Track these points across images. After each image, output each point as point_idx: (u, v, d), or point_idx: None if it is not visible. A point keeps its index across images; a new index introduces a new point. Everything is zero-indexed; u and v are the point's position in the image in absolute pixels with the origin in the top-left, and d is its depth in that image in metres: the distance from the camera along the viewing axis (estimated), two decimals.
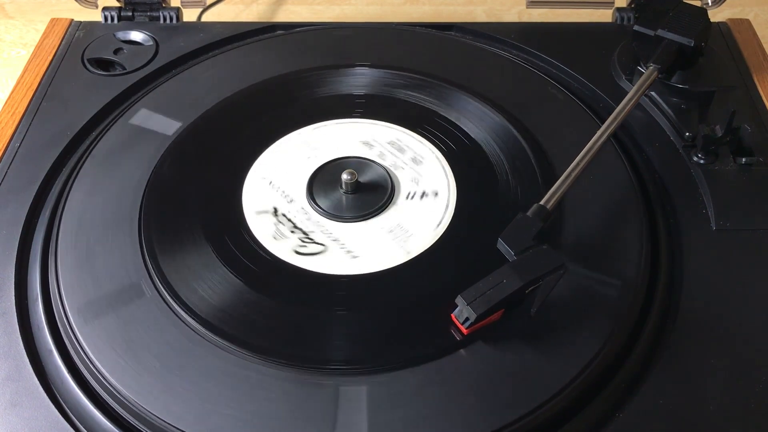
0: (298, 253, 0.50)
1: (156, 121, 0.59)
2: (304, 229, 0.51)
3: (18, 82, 0.63)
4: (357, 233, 0.51)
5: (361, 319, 0.46)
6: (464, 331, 0.44)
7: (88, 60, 0.65)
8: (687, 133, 0.57)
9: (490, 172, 0.55)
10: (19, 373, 0.45)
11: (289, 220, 0.52)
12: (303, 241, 0.51)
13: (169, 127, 0.58)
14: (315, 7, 0.88)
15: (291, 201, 0.53)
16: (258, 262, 0.49)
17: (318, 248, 0.50)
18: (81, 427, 0.44)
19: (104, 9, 0.70)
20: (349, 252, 0.50)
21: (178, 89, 0.62)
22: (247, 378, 0.43)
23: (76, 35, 0.68)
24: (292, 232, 0.51)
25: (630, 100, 0.54)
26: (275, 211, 0.53)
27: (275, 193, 0.54)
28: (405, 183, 0.54)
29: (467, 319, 0.43)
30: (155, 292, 0.48)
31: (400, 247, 0.50)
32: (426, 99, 0.60)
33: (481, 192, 0.54)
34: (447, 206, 0.53)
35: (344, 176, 0.53)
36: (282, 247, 0.50)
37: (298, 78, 0.62)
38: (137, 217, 0.52)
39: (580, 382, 0.43)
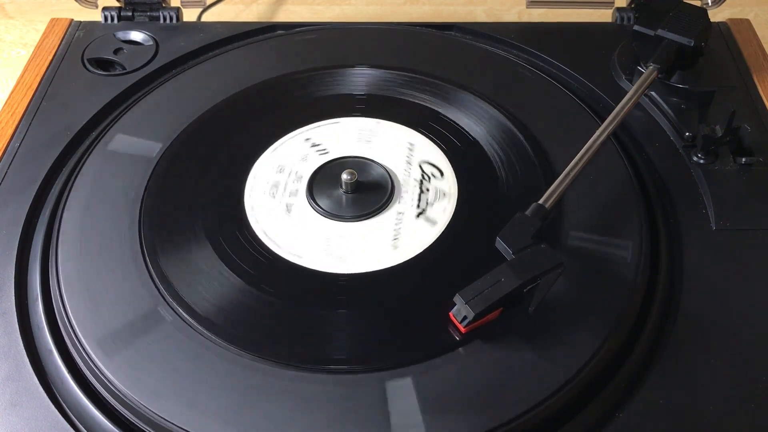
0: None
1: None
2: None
3: (18, 82, 0.63)
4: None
5: (360, 319, 0.46)
6: (462, 329, 0.44)
7: (88, 60, 0.65)
8: (687, 133, 0.57)
9: (490, 171, 0.55)
10: (19, 373, 0.45)
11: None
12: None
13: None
14: (315, 7, 0.88)
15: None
16: (257, 261, 0.49)
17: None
18: (81, 427, 0.44)
19: (104, 9, 0.70)
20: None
21: (179, 89, 0.62)
22: (246, 376, 0.43)
23: (76, 35, 0.68)
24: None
25: (630, 99, 0.54)
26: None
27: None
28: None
29: (465, 317, 0.43)
30: (155, 291, 0.48)
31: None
32: (426, 99, 0.60)
33: (480, 191, 0.54)
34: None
35: (344, 176, 0.53)
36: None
37: (297, 78, 0.62)
38: (138, 216, 0.52)
39: (579, 382, 0.43)
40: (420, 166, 0.55)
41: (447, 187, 0.54)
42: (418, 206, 0.53)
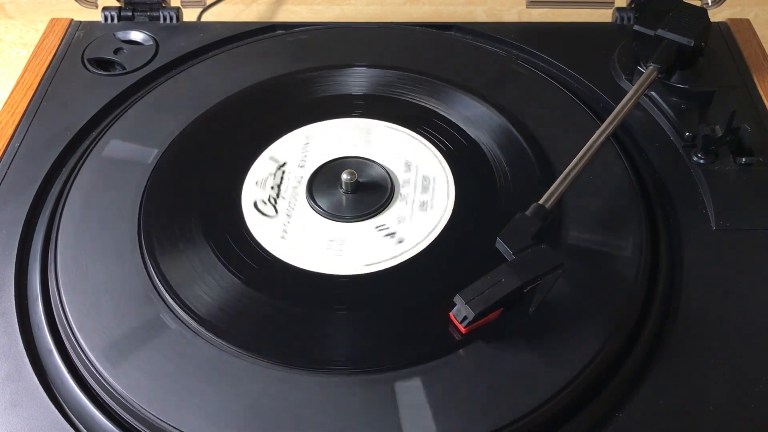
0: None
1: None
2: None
3: (18, 82, 0.63)
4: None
5: (360, 319, 0.46)
6: (462, 330, 0.44)
7: (88, 60, 0.65)
8: (687, 133, 0.57)
9: (490, 171, 0.55)
10: (19, 373, 0.45)
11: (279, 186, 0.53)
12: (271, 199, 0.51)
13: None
14: (315, 7, 0.88)
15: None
16: (257, 260, 0.49)
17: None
18: (81, 427, 0.44)
19: (104, 9, 0.70)
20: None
21: (179, 88, 0.62)
22: (246, 378, 0.43)
23: (76, 35, 0.68)
24: (272, 188, 0.53)
25: (630, 99, 0.54)
26: (275, 203, 0.53)
27: (276, 189, 0.54)
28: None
29: (465, 318, 0.43)
30: (154, 291, 0.48)
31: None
32: (426, 99, 0.60)
33: (480, 191, 0.54)
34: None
35: (344, 176, 0.53)
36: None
37: (297, 78, 0.62)
38: (137, 216, 0.52)
39: (579, 382, 0.43)
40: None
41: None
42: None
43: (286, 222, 0.52)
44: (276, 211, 0.53)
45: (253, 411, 0.42)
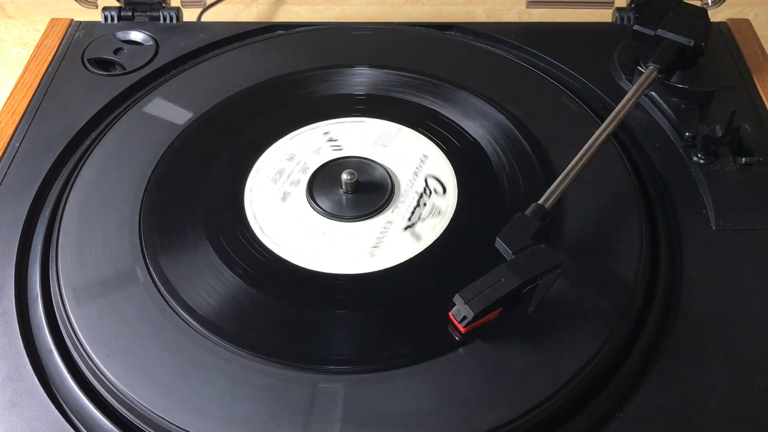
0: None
1: (166, 111, 0.59)
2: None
3: (18, 82, 0.63)
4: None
5: (360, 318, 0.46)
6: (462, 329, 0.44)
7: (88, 60, 0.65)
8: (687, 133, 0.57)
9: (490, 171, 0.55)
10: (19, 373, 0.45)
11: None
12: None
13: (178, 117, 0.58)
14: (315, 7, 0.88)
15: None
16: (257, 260, 0.49)
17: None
18: (81, 427, 0.44)
19: (104, 9, 0.70)
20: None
21: (179, 88, 0.62)
22: (248, 378, 0.43)
23: (76, 35, 0.68)
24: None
25: (629, 99, 0.54)
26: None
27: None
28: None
29: (465, 317, 0.43)
30: (156, 292, 0.48)
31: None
32: (426, 99, 0.60)
33: (481, 191, 0.54)
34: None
35: (344, 176, 0.53)
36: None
37: (297, 78, 0.62)
38: (137, 217, 0.52)
39: (579, 382, 0.43)
40: (425, 180, 0.55)
41: (447, 186, 0.54)
42: (418, 206, 0.53)
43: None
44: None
45: (255, 410, 0.42)
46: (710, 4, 0.70)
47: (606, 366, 0.44)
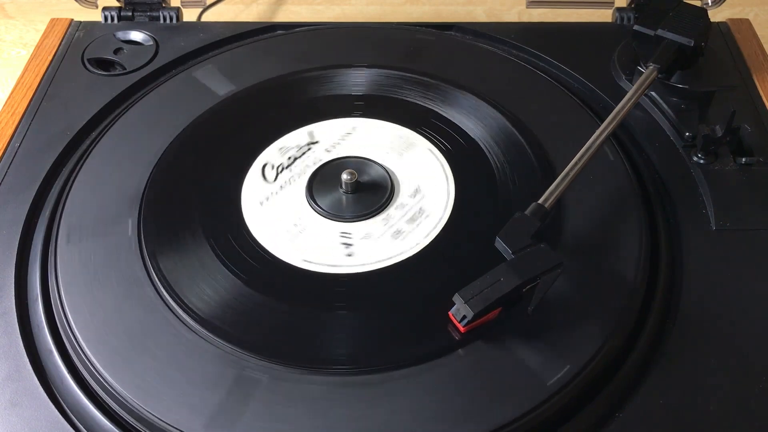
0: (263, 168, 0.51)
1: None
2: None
3: (18, 82, 0.63)
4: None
5: (360, 318, 0.46)
6: (461, 329, 0.44)
7: (88, 60, 0.65)
8: (687, 133, 0.57)
9: (490, 171, 0.55)
10: (19, 373, 0.45)
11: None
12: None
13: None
14: (315, 7, 0.88)
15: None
16: (256, 260, 0.49)
17: (271, 177, 0.51)
18: (81, 427, 0.44)
19: (104, 9, 0.70)
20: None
21: (178, 89, 0.62)
22: (246, 377, 0.43)
23: (76, 35, 0.68)
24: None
25: (629, 99, 0.54)
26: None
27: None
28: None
29: (464, 317, 0.43)
30: (155, 292, 0.48)
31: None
32: (426, 99, 0.60)
33: (480, 191, 0.54)
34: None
35: (344, 176, 0.53)
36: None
37: (297, 78, 0.62)
38: (137, 216, 0.52)
39: (579, 382, 0.43)
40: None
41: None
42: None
43: (275, 191, 0.52)
44: (275, 179, 0.52)
45: (254, 411, 0.42)
46: (710, 4, 0.70)
47: (606, 366, 0.44)
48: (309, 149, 0.55)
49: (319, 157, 0.56)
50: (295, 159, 0.55)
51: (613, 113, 0.53)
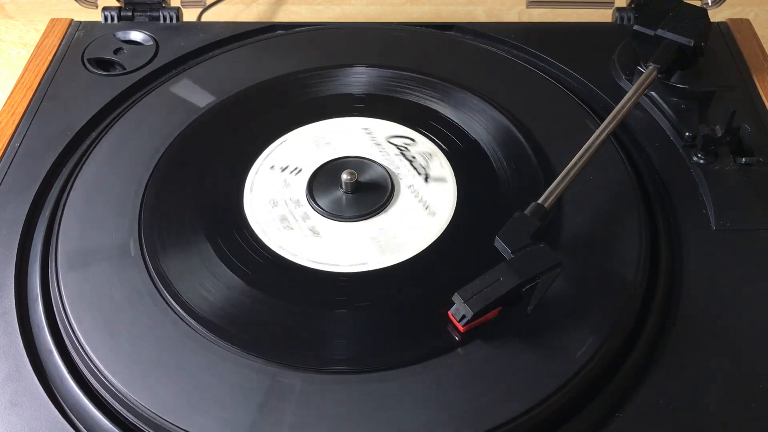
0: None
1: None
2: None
3: (18, 82, 0.63)
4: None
5: (359, 318, 0.46)
6: (461, 328, 0.44)
7: (88, 60, 0.65)
8: (687, 133, 0.57)
9: (489, 171, 0.55)
10: (19, 373, 0.45)
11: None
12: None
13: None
14: (315, 7, 0.88)
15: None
16: (256, 260, 0.49)
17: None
18: (81, 427, 0.44)
19: (104, 9, 0.70)
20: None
21: (178, 89, 0.62)
22: (246, 376, 0.43)
23: (76, 35, 0.68)
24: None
25: (629, 99, 0.54)
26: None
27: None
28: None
29: (464, 316, 0.43)
30: (155, 292, 0.48)
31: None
32: (426, 99, 0.60)
33: (480, 191, 0.54)
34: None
35: (344, 176, 0.53)
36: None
37: (297, 78, 0.62)
38: (137, 216, 0.52)
39: (579, 382, 0.43)
40: (389, 142, 0.55)
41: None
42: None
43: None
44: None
45: (254, 410, 0.42)
46: (710, 4, 0.70)
47: (606, 366, 0.44)
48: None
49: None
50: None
51: (613, 113, 0.53)
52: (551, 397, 0.42)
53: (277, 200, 0.53)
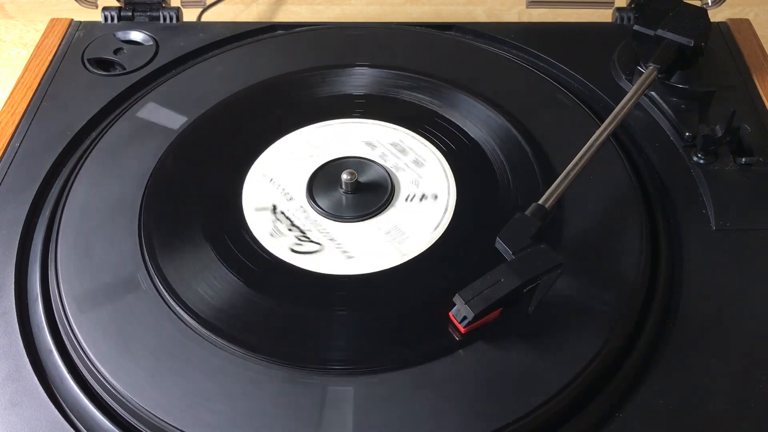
0: (294, 251, 0.50)
1: (160, 116, 0.59)
2: (302, 227, 0.51)
3: (18, 82, 0.63)
4: (356, 233, 0.51)
5: (360, 319, 0.46)
6: (462, 329, 0.44)
7: (88, 60, 0.65)
8: (687, 133, 0.57)
9: (490, 172, 0.55)
10: (19, 373, 0.45)
11: (287, 218, 0.52)
12: (300, 240, 0.51)
13: (173, 122, 0.58)
14: (315, 7, 0.88)
15: (290, 199, 0.53)
16: (256, 260, 0.49)
17: (314, 247, 0.50)
18: (81, 427, 0.44)
19: (104, 9, 0.70)
20: (347, 252, 0.50)
21: (179, 87, 0.62)
22: (246, 377, 0.43)
23: (76, 35, 0.68)
24: (290, 230, 0.51)
25: (630, 99, 0.54)
26: (274, 208, 0.53)
27: (275, 190, 0.54)
28: (405, 182, 0.54)
29: (465, 317, 0.43)
30: (155, 292, 0.48)
31: (400, 247, 0.50)
32: (426, 99, 0.60)
33: (480, 192, 0.54)
34: (447, 206, 0.53)
35: (344, 176, 0.53)
36: (279, 244, 0.50)
37: (297, 78, 0.62)
38: (137, 216, 0.52)
39: (579, 382, 0.43)
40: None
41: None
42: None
43: (284, 219, 0.52)
44: (275, 209, 0.53)
45: (255, 411, 0.42)
46: (710, 4, 0.70)
47: (606, 366, 0.44)
48: (291, 201, 0.54)
49: (299, 205, 0.54)
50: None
51: (613, 113, 0.53)
52: (552, 398, 0.42)
53: (277, 198, 0.53)
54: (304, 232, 0.51)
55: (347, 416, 0.42)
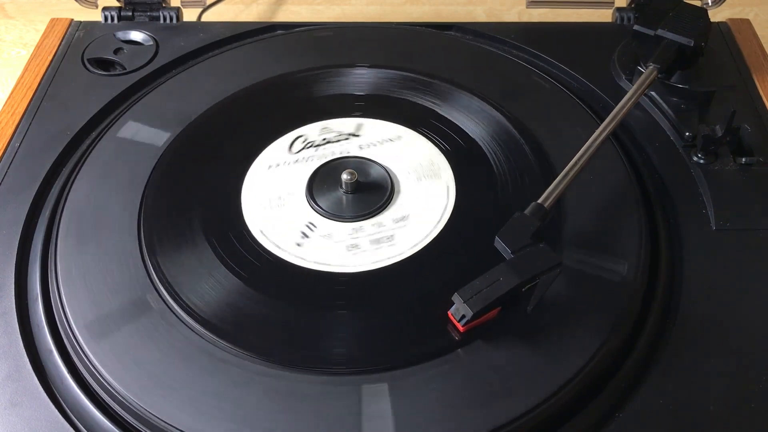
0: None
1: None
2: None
3: (18, 82, 0.63)
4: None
5: (360, 318, 0.46)
6: (461, 328, 0.44)
7: (88, 60, 0.65)
8: (687, 133, 0.57)
9: (489, 171, 0.55)
10: (19, 373, 0.45)
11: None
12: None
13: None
14: (315, 7, 0.88)
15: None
16: (258, 259, 0.49)
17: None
18: (81, 427, 0.44)
19: (104, 9, 0.70)
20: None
21: (181, 87, 0.62)
22: (245, 378, 0.43)
23: (76, 35, 0.68)
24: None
25: (629, 99, 0.54)
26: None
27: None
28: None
29: (464, 316, 0.43)
30: (154, 291, 0.48)
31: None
32: (426, 99, 0.60)
33: (480, 191, 0.54)
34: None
35: (344, 176, 0.53)
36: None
37: (297, 78, 0.62)
38: (137, 215, 0.52)
39: (579, 382, 0.43)
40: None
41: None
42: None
43: (289, 162, 0.53)
44: (299, 151, 0.54)
45: (255, 411, 0.42)
46: (710, 4, 0.70)
47: (606, 366, 0.44)
48: (346, 139, 0.55)
49: (348, 150, 0.56)
50: (328, 142, 0.55)
51: (613, 113, 0.53)
52: (551, 397, 0.42)
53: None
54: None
55: (344, 414, 0.42)
